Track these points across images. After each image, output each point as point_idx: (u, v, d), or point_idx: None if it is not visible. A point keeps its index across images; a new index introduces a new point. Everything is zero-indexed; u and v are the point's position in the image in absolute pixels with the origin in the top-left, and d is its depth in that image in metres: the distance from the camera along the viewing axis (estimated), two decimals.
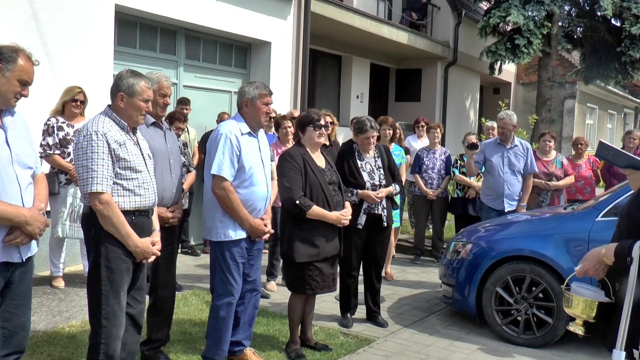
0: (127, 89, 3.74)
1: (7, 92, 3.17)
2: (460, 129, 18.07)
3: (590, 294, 2.81)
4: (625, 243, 2.69)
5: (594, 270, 2.80)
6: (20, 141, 3.28)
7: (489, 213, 7.47)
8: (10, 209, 3.12)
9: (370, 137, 5.90)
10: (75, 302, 6.22)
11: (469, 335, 5.91)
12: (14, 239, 3.16)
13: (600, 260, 2.77)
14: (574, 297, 2.82)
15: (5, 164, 3.14)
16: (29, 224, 3.18)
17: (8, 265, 3.19)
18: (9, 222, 3.14)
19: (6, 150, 3.17)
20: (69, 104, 6.48)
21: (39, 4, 6.90)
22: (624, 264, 2.64)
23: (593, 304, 2.77)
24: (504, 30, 16.01)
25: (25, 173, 3.27)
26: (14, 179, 3.17)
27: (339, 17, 12.37)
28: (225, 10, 9.41)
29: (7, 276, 3.20)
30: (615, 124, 30.01)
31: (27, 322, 3.45)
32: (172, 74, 9.16)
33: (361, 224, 5.84)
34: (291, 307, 5.20)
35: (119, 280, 3.71)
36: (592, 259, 2.82)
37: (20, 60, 3.19)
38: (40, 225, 3.25)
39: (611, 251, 2.72)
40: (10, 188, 3.15)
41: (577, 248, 5.50)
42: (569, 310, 2.84)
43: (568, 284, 2.92)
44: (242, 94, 4.60)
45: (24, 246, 3.25)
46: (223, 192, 4.42)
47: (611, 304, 2.78)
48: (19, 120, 3.35)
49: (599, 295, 2.80)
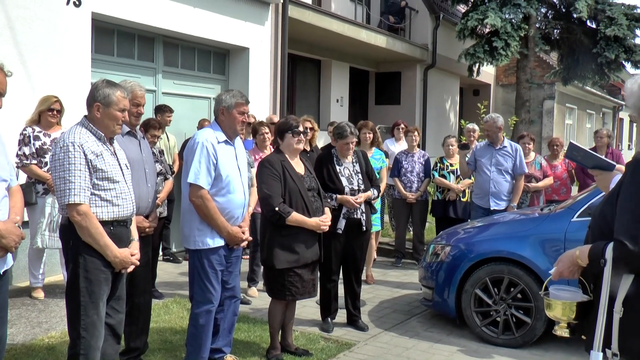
0: (103, 99, 3.74)
1: None
2: (440, 131, 18.16)
3: (568, 295, 2.84)
4: (599, 245, 2.71)
5: (569, 272, 2.84)
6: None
7: (477, 211, 7.74)
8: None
9: (350, 143, 5.94)
10: (54, 313, 6.18)
11: (449, 337, 5.95)
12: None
13: (574, 262, 2.81)
14: (553, 301, 2.85)
15: None
16: (3, 237, 3.15)
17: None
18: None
19: None
20: (45, 114, 6.45)
21: (14, 13, 6.86)
22: (598, 265, 2.68)
23: (572, 305, 2.79)
24: (481, 32, 16.14)
25: (1, 186, 3.24)
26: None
27: (316, 21, 12.40)
28: (203, 17, 9.41)
29: None
30: (594, 124, 30.30)
31: (4, 336, 3.42)
32: (150, 81, 9.14)
33: (341, 228, 5.88)
34: (271, 313, 5.22)
35: (97, 291, 3.71)
36: (566, 261, 2.85)
37: None
38: (16, 239, 3.22)
39: (585, 253, 2.75)
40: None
41: (553, 248, 5.56)
42: (551, 314, 2.87)
43: (547, 288, 2.95)
44: (219, 102, 4.62)
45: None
46: (200, 201, 4.43)
47: (590, 302, 2.81)
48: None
49: (577, 296, 2.83)
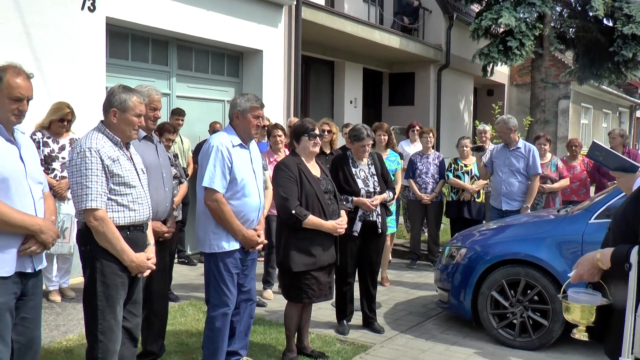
0: (119, 104, 3.77)
1: (1, 112, 3.26)
2: (454, 132, 18.10)
3: (587, 299, 2.81)
4: (622, 248, 2.67)
5: (589, 275, 2.81)
6: (31, 158, 3.43)
7: (491, 212, 7.83)
8: (27, 218, 3.26)
9: (366, 145, 5.94)
10: (72, 316, 6.23)
11: (465, 340, 5.93)
12: (29, 248, 3.29)
13: (594, 264, 2.77)
14: (572, 304, 2.82)
15: (21, 177, 3.29)
16: (43, 232, 3.32)
17: (22, 276, 3.30)
18: (25, 230, 3.28)
19: (21, 165, 3.31)
20: (56, 123, 6.47)
21: (30, 19, 6.92)
22: (622, 269, 2.64)
23: (592, 308, 2.76)
24: (496, 32, 16.05)
25: (37, 187, 3.42)
26: (28, 192, 3.32)
27: (330, 23, 12.39)
28: (217, 20, 9.44)
29: (21, 287, 3.31)
30: (610, 123, 30.04)
31: (39, 337, 3.53)
32: (164, 84, 9.18)
33: (357, 231, 5.87)
34: (287, 316, 5.22)
35: (114, 295, 3.73)
36: (586, 264, 2.82)
37: (7, 78, 3.25)
38: (53, 235, 3.39)
39: (607, 256, 2.71)
40: (25, 200, 3.29)
41: (571, 251, 5.53)
42: (569, 317, 2.83)
43: (565, 291, 2.92)
44: (234, 106, 4.63)
45: (36, 257, 3.38)
46: (215, 204, 4.44)
47: (609, 305, 2.78)
48: (27, 139, 3.49)
49: (596, 299, 2.79)
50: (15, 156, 3.30)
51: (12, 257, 3.22)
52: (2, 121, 3.28)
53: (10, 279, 3.23)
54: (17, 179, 3.26)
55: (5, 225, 3.17)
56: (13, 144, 3.32)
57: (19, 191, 3.26)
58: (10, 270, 3.21)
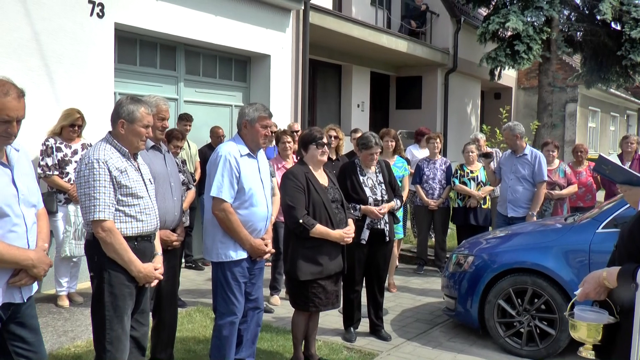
0: (127, 115, 3.78)
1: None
2: (461, 136, 18.07)
3: (594, 317, 2.78)
4: (629, 268, 2.64)
5: (595, 293, 2.78)
6: (25, 179, 3.23)
7: (498, 218, 7.88)
8: (18, 253, 3.09)
9: (374, 154, 5.96)
10: (80, 322, 6.25)
11: (472, 348, 5.92)
12: (19, 281, 3.13)
13: (601, 283, 2.75)
14: (578, 322, 2.81)
15: (13, 204, 3.09)
16: (35, 267, 3.16)
17: (9, 305, 3.14)
18: (17, 266, 3.11)
19: (13, 190, 3.12)
20: (67, 128, 6.56)
21: (39, 26, 6.95)
22: (628, 289, 2.63)
23: (598, 327, 2.74)
24: (503, 36, 16.03)
25: (30, 212, 3.24)
26: (20, 219, 3.13)
27: (337, 27, 12.41)
28: (224, 25, 9.46)
29: (7, 314, 3.15)
30: (618, 126, 29.97)
31: (44, 357, 3.41)
32: (172, 89, 9.21)
33: (364, 239, 5.88)
34: (295, 324, 5.22)
35: (122, 305, 3.75)
36: (592, 282, 2.79)
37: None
38: (46, 267, 3.23)
39: (613, 275, 2.69)
40: (17, 228, 3.11)
41: (578, 260, 5.53)
42: (576, 335, 2.80)
43: (572, 308, 2.90)
44: (242, 116, 4.64)
45: (25, 287, 3.21)
46: (223, 214, 4.46)
47: (616, 324, 2.77)
48: (22, 155, 3.28)
49: (603, 318, 2.77)
50: (7, 181, 3.09)
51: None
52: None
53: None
54: (9, 206, 3.05)
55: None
56: (6, 167, 3.12)
57: (11, 220, 3.06)
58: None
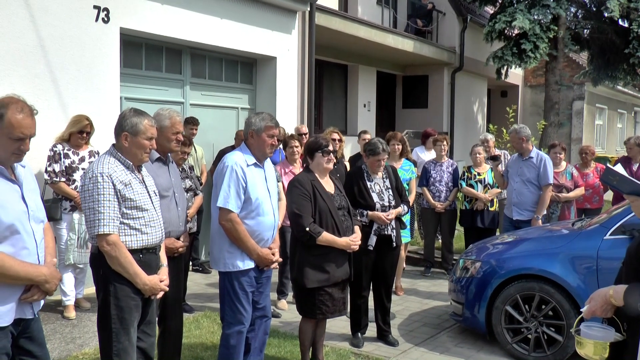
0: (130, 128, 3.78)
1: (1, 152, 3.06)
2: (468, 135, 18.05)
3: (601, 334, 2.76)
4: (636, 287, 2.63)
5: (602, 311, 2.76)
6: (32, 195, 3.26)
7: (504, 221, 7.90)
8: (32, 269, 3.12)
9: (382, 160, 5.95)
10: (87, 328, 6.25)
11: (479, 354, 5.91)
12: (31, 297, 3.16)
13: (607, 301, 2.73)
14: (584, 340, 2.78)
15: (24, 220, 3.11)
16: (48, 282, 3.19)
17: (19, 320, 3.17)
18: (30, 282, 3.14)
19: (23, 206, 3.14)
20: (75, 135, 6.55)
21: (44, 32, 6.96)
22: (635, 309, 2.61)
23: (605, 345, 2.72)
24: (510, 34, 15.96)
25: (39, 227, 3.26)
26: (31, 236, 3.15)
27: (343, 28, 12.38)
28: (230, 28, 9.45)
29: (17, 330, 3.18)
30: (625, 123, 29.82)
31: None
32: (178, 93, 9.21)
33: (372, 245, 5.87)
34: (302, 331, 5.22)
35: (128, 317, 3.75)
36: (599, 300, 2.77)
37: (8, 116, 3.02)
38: (57, 282, 3.27)
39: (620, 294, 2.66)
40: (28, 245, 3.13)
41: (585, 266, 5.50)
42: (582, 352, 2.78)
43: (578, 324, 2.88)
44: (248, 125, 4.63)
45: (36, 302, 3.24)
46: (230, 224, 4.46)
47: (624, 341, 2.75)
48: (28, 171, 3.31)
49: (609, 335, 2.75)
50: (17, 198, 3.12)
51: (12, 307, 3.08)
52: (1, 161, 3.07)
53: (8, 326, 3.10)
54: (21, 223, 3.08)
55: (10, 279, 3.03)
56: (15, 184, 3.13)
57: (23, 237, 3.09)
58: (10, 320, 3.07)
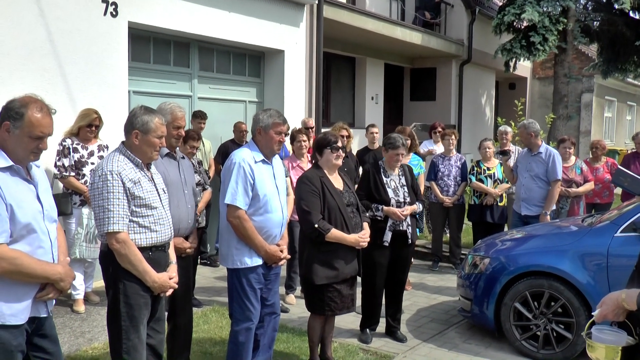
0: (141, 126, 3.77)
1: (20, 151, 3.09)
2: (476, 127, 17.99)
3: (613, 338, 2.73)
4: None
5: (613, 315, 2.73)
6: (46, 195, 3.28)
7: (513, 216, 7.87)
8: (49, 268, 3.16)
9: (400, 155, 5.95)
10: (97, 322, 6.28)
11: (487, 350, 5.90)
12: (46, 295, 3.19)
13: (619, 305, 2.70)
14: (596, 344, 2.76)
15: (39, 220, 3.15)
16: (63, 281, 3.22)
17: (34, 318, 3.20)
18: (47, 280, 3.17)
19: (38, 206, 3.17)
20: (84, 129, 6.54)
21: (54, 26, 6.95)
22: None
23: (617, 349, 2.70)
24: (519, 27, 15.85)
25: (53, 227, 3.28)
26: (46, 234, 3.18)
27: (351, 21, 12.33)
28: (238, 21, 9.42)
29: (32, 327, 3.20)
30: (634, 116, 29.64)
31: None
32: (186, 86, 9.21)
33: (387, 241, 5.86)
34: (311, 328, 5.23)
35: (138, 315, 3.76)
36: (611, 304, 2.74)
37: (28, 115, 3.07)
38: (71, 280, 3.31)
39: (633, 298, 2.64)
40: (44, 243, 3.16)
41: (595, 264, 5.47)
42: (593, 355, 2.76)
43: (589, 327, 2.86)
44: (256, 122, 4.61)
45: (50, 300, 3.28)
46: (238, 221, 4.44)
47: (636, 346, 2.73)
48: (41, 173, 3.33)
49: (621, 339, 2.72)
50: (33, 197, 3.16)
51: (27, 306, 3.12)
52: (20, 159, 3.11)
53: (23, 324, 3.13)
54: (37, 222, 3.12)
55: (28, 277, 3.08)
56: (30, 183, 3.18)
57: (39, 236, 3.13)
58: (25, 318, 3.10)
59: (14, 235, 3.02)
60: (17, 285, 3.07)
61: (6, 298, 3.03)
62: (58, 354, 3.41)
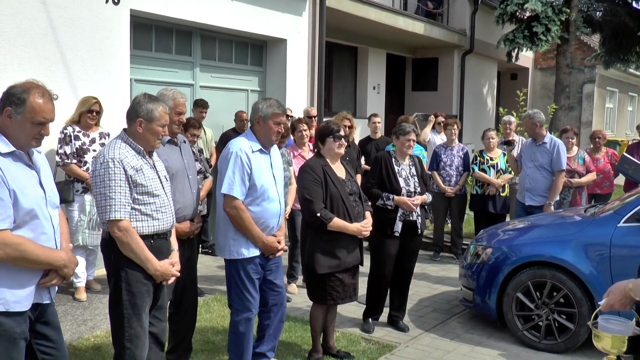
0: (146, 114, 3.74)
1: (22, 136, 3.08)
2: (477, 117, 17.96)
3: (619, 328, 2.71)
4: None
5: (620, 305, 2.72)
6: (48, 181, 3.27)
7: (516, 206, 7.82)
8: (52, 254, 3.16)
9: (411, 140, 5.95)
10: (99, 310, 6.28)
11: (489, 340, 5.90)
12: (50, 282, 3.19)
13: (626, 295, 2.69)
14: (602, 333, 2.75)
15: (42, 206, 3.14)
16: (66, 267, 3.22)
17: (36, 305, 3.19)
18: (50, 266, 3.17)
19: (41, 192, 3.17)
20: (85, 115, 6.54)
21: (55, 14, 6.92)
22: None
23: (623, 338, 2.68)
24: (521, 17, 15.80)
25: (55, 213, 3.28)
26: (49, 221, 3.18)
27: (354, 10, 12.29)
28: (240, 9, 9.38)
29: (35, 314, 3.20)
30: (636, 106, 29.58)
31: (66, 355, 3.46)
32: (188, 75, 9.18)
33: (397, 231, 5.85)
34: (313, 317, 5.22)
35: (140, 303, 3.75)
36: (617, 293, 2.73)
37: (30, 101, 3.06)
38: (74, 267, 3.30)
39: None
40: (46, 229, 3.16)
41: (598, 254, 5.45)
42: (599, 345, 2.74)
43: (595, 317, 2.84)
44: (255, 111, 4.55)
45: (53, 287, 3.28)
46: (234, 211, 4.40)
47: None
48: (42, 158, 3.32)
49: (628, 329, 2.71)
50: (35, 183, 3.14)
51: (30, 292, 3.11)
52: (21, 145, 3.10)
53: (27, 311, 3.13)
54: (40, 209, 3.11)
55: (31, 263, 3.07)
56: (32, 169, 3.16)
57: (41, 222, 3.12)
58: (28, 304, 3.10)
59: (17, 221, 3.01)
60: (21, 271, 3.06)
61: (9, 284, 3.02)
62: (60, 341, 3.41)
